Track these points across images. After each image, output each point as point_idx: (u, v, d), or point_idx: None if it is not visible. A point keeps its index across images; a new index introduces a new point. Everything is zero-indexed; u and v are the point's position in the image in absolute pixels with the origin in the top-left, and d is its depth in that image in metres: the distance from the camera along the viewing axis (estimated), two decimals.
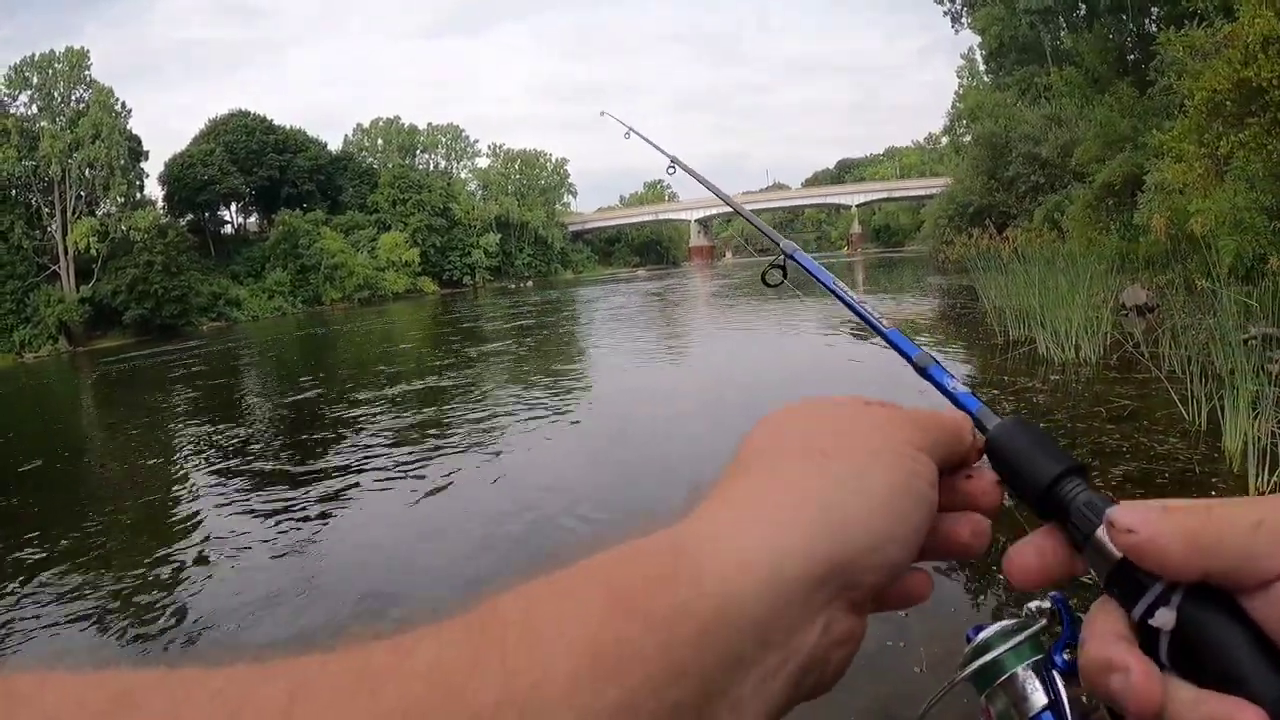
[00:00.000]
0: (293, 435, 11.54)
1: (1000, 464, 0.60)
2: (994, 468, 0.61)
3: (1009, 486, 0.59)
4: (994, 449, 0.61)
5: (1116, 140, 21.21)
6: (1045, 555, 0.53)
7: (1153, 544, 0.46)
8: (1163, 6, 24.98)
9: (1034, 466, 0.56)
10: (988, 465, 0.58)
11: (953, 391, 0.76)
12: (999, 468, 0.60)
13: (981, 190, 31.97)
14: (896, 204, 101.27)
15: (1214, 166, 12.77)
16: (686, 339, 20.80)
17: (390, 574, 5.71)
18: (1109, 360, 9.98)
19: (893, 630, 4.04)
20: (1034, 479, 0.56)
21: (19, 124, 56.91)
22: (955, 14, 42.03)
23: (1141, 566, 0.48)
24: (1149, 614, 0.47)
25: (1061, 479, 0.55)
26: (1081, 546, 0.52)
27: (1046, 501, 0.55)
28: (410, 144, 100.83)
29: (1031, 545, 0.54)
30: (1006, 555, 0.55)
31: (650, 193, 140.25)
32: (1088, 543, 0.51)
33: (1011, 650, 0.65)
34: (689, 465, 7.75)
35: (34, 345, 51.91)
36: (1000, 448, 0.61)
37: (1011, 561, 0.54)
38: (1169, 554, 0.46)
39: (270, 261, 72.81)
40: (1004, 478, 0.59)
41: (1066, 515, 0.53)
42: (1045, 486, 0.55)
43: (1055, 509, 0.54)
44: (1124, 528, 0.48)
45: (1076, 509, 0.53)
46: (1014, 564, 0.54)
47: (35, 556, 6.76)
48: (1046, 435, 0.59)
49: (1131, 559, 0.48)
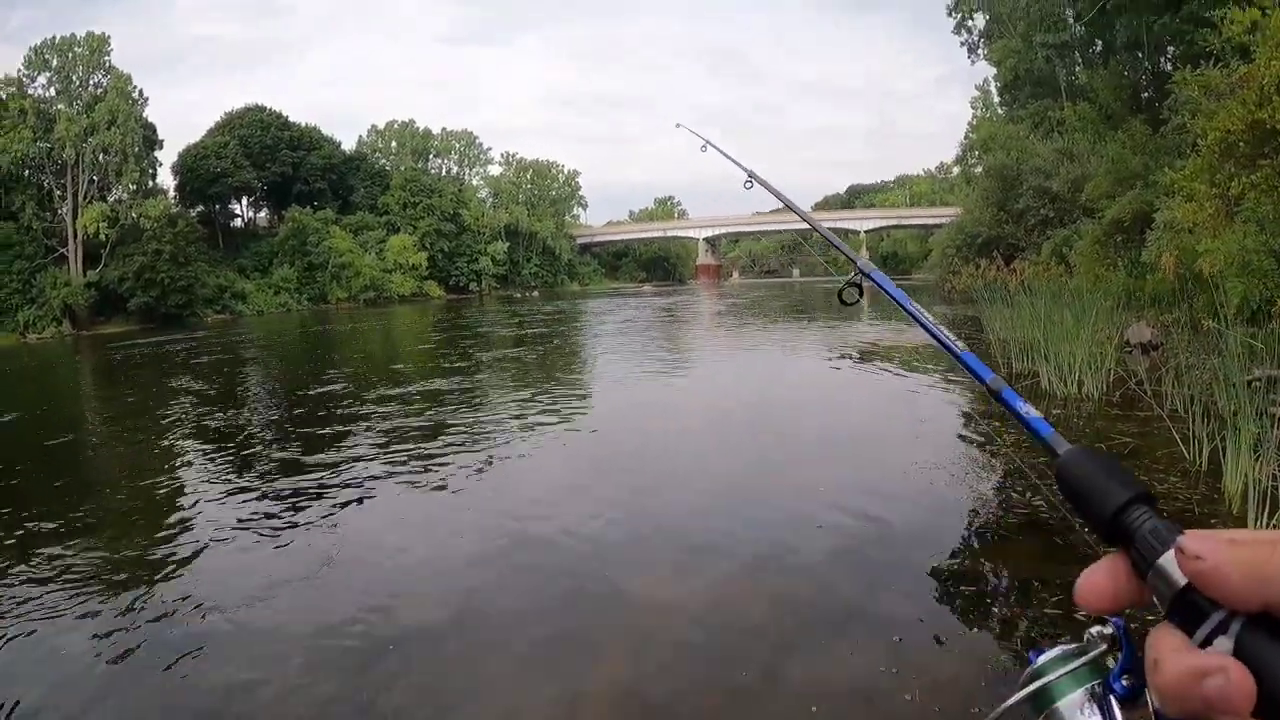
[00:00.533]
0: (292, 428, 11.51)
1: (1068, 490, 0.61)
2: (1062, 493, 0.61)
3: (1077, 513, 0.60)
4: (1063, 475, 0.62)
5: (1127, 177, 21.22)
6: (1117, 579, 0.55)
7: (1217, 572, 0.47)
8: (1179, 45, 25.02)
9: (1101, 493, 0.58)
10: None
11: (1025, 416, 0.78)
12: (1067, 493, 0.61)
13: (991, 221, 31.96)
14: (905, 231, 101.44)
15: (1224, 207, 12.74)
16: (692, 356, 20.77)
17: (385, 570, 5.66)
18: (1111, 397, 9.94)
19: (948, 654, 4.01)
20: (1101, 506, 0.57)
21: (36, 105, 57.07)
22: (972, 45, 42.25)
23: (1205, 594, 0.48)
24: (1208, 640, 0.48)
25: (1128, 506, 0.56)
26: (1145, 573, 0.53)
27: (1113, 528, 0.56)
28: (423, 148, 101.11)
29: (1103, 569, 0.56)
30: (1079, 579, 0.56)
31: (660, 209, 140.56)
32: (1151, 569, 0.52)
33: (1070, 674, 0.65)
34: (692, 483, 7.74)
35: (38, 326, 51.97)
36: (1069, 474, 0.61)
37: (1083, 585, 0.56)
38: (1232, 583, 0.47)
39: (278, 257, 72.96)
40: (1072, 503, 0.60)
41: (1132, 542, 0.54)
42: (1112, 514, 0.56)
43: (1121, 536, 0.55)
44: (1192, 554, 0.49)
45: (1142, 536, 0.53)
46: (1085, 587, 0.55)
47: (34, 532, 6.72)
48: (1116, 462, 0.60)
49: (1196, 586, 0.49)
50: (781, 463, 8.46)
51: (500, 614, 4.79)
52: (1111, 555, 0.56)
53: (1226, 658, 0.46)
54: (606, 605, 4.94)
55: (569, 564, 5.62)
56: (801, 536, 5.95)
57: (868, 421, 10.44)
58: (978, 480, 7.12)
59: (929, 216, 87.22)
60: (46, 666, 4.36)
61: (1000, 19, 38.05)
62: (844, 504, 6.64)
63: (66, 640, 4.67)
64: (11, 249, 53.17)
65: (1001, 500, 6.48)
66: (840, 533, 5.96)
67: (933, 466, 7.38)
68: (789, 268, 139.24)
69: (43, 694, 4.06)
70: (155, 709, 3.94)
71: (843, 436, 9.63)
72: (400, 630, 4.59)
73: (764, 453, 8.91)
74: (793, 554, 5.61)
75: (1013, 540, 5.56)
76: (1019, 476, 6.90)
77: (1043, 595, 4.55)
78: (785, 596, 4.98)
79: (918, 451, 8.09)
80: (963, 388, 11.59)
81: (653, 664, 4.16)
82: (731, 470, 8.14)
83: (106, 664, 4.35)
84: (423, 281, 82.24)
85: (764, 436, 9.79)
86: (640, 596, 5.04)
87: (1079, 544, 5.20)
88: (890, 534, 5.88)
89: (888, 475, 7.48)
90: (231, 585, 5.44)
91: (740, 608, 4.82)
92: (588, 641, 4.43)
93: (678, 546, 5.93)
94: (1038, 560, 5.13)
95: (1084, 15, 30.11)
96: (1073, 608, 4.24)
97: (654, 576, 5.35)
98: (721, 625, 4.58)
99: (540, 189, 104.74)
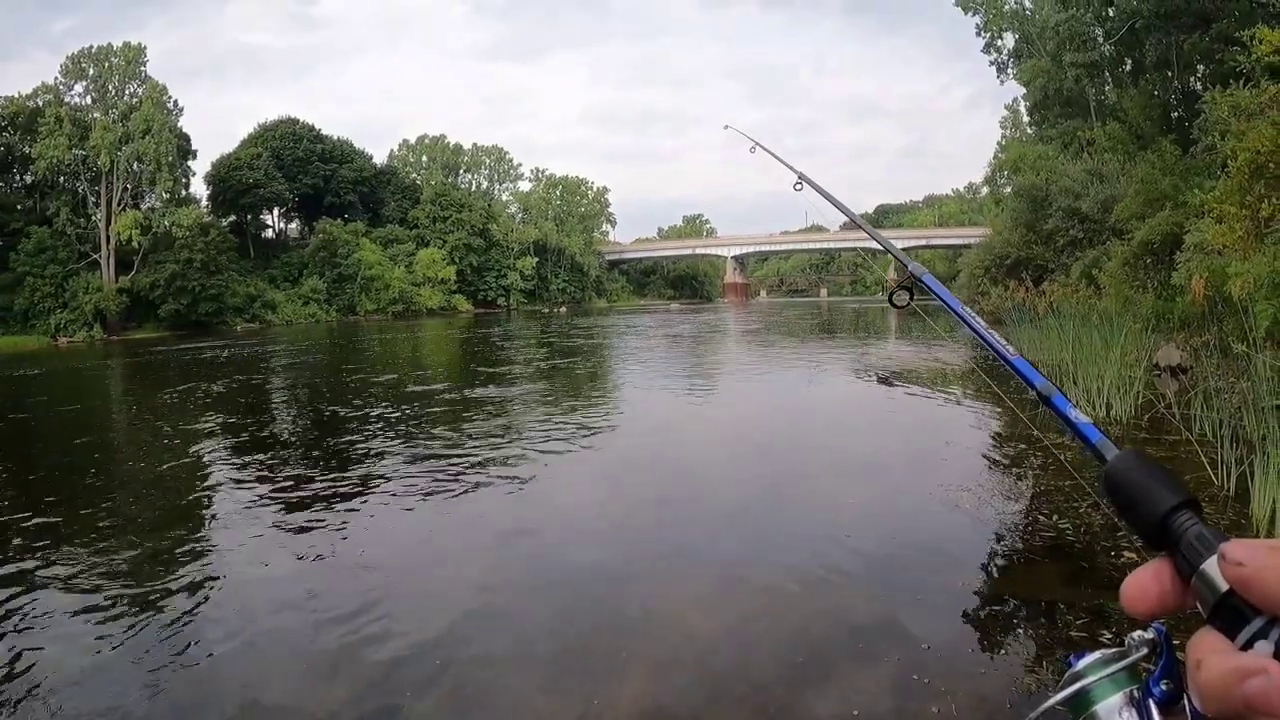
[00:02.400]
0: (316, 436, 11.58)
1: (1115, 494, 0.61)
2: (1109, 498, 0.62)
3: (1122, 517, 0.60)
4: (1111, 480, 0.62)
5: (1157, 198, 21.09)
6: (1162, 583, 0.55)
7: (1259, 578, 0.48)
8: (1209, 65, 24.91)
9: (1148, 499, 0.58)
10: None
11: (1075, 422, 0.79)
12: (1114, 498, 0.61)
13: (1020, 242, 31.77)
14: (933, 251, 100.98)
15: (1255, 229, 12.65)
16: (720, 374, 20.77)
17: (407, 582, 5.68)
18: (1140, 420, 9.86)
19: (974, 676, 4.01)
20: (1148, 511, 0.57)
21: (72, 113, 58.02)
22: (1001, 64, 42.13)
23: (1246, 600, 0.49)
24: (1249, 644, 0.49)
25: (1175, 512, 0.56)
26: (1189, 578, 0.53)
27: (1159, 533, 0.56)
28: (454, 163, 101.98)
29: (1149, 572, 0.56)
30: (1125, 582, 0.57)
31: (688, 226, 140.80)
32: (1195, 574, 0.53)
33: (1109, 678, 0.65)
34: (718, 500, 7.74)
35: (69, 330, 52.76)
36: (1117, 479, 0.62)
37: (1129, 587, 0.56)
38: (1273, 589, 0.48)
39: (308, 268, 73.68)
40: (1118, 508, 0.61)
41: (1176, 547, 0.55)
42: (1158, 519, 0.57)
43: (1167, 541, 0.56)
44: (1234, 560, 0.50)
45: (1187, 541, 0.54)
46: (1131, 590, 0.56)
47: (55, 529, 6.81)
48: (1163, 468, 0.61)
49: (1238, 591, 0.49)
50: (807, 481, 8.45)
51: (522, 630, 4.79)
52: (1157, 560, 0.57)
53: (1269, 660, 0.47)
54: (630, 623, 4.93)
55: (592, 580, 5.63)
56: (828, 554, 5.95)
57: (894, 441, 10.40)
58: (1004, 502, 7.08)
59: (957, 237, 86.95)
60: (69, 663, 4.41)
61: (1029, 38, 38.01)
62: (870, 523, 6.64)
63: (86, 638, 4.72)
64: (45, 253, 54.00)
65: (1028, 523, 6.45)
66: (867, 552, 5.95)
67: (959, 488, 7.35)
68: (816, 287, 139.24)
69: (64, 690, 4.11)
70: (173, 710, 3.98)
71: (869, 456, 9.60)
72: (421, 642, 4.59)
73: (790, 471, 8.90)
74: (819, 572, 5.60)
75: (1040, 563, 5.53)
76: (1046, 499, 6.87)
77: (1068, 617, 4.54)
78: (811, 615, 4.96)
79: (944, 472, 8.07)
80: (987, 409, 11.53)
81: (677, 683, 4.15)
82: (757, 488, 8.14)
83: (128, 663, 4.39)
84: (451, 295, 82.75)
85: (790, 455, 9.78)
86: (664, 614, 5.03)
87: (1106, 567, 5.18)
88: (916, 555, 5.86)
89: (914, 495, 7.46)
90: (250, 590, 5.52)
91: (766, 626, 4.80)
92: (611, 659, 4.40)
93: (702, 564, 5.93)
94: (1065, 583, 5.11)
95: (1113, 34, 30.02)
96: (1099, 630, 4.23)
97: (678, 594, 5.35)
98: (747, 644, 4.56)
99: (569, 205, 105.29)
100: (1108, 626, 4.23)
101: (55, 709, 3.95)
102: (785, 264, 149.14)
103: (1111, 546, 5.50)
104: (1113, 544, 5.52)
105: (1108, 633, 4.20)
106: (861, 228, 1.76)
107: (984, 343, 1.02)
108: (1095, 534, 5.80)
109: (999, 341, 1.00)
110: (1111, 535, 5.62)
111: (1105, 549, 5.52)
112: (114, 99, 60.58)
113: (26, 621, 5.05)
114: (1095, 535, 5.78)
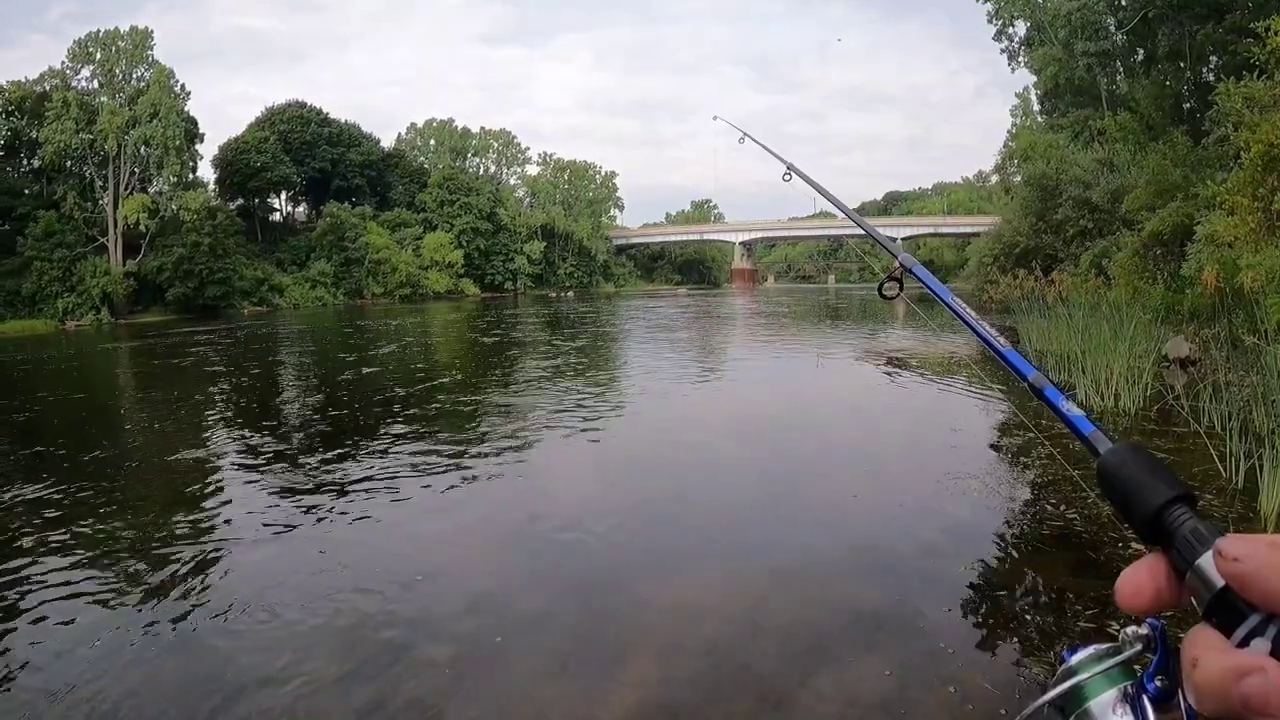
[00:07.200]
0: (323, 421, 11.59)
1: (1110, 488, 0.60)
2: (1104, 492, 0.61)
3: (1118, 511, 0.59)
4: (1104, 473, 0.61)
5: (1168, 189, 20.96)
6: (1158, 579, 0.54)
7: (1256, 575, 0.47)
8: (1221, 56, 24.71)
9: (1142, 493, 0.57)
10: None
11: (1067, 414, 0.78)
12: (1109, 492, 0.60)
13: (1029, 231, 31.65)
14: (942, 239, 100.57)
15: (1266, 221, 12.59)
16: (727, 360, 20.77)
17: (412, 568, 5.69)
18: (1148, 412, 9.85)
19: (978, 664, 4.02)
20: (1142, 504, 0.56)
21: (79, 97, 57.90)
22: (1012, 52, 41.78)
23: (1242, 596, 0.48)
24: (1245, 643, 0.48)
25: (1169, 506, 0.55)
26: (1183, 574, 0.53)
27: (1153, 527, 0.55)
28: (462, 147, 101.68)
29: (1144, 568, 0.55)
30: (1119, 578, 0.55)
31: (696, 212, 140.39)
32: (1190, 569, 0.52)
33: (1103, 674, 0.64)
34: (723, 488, 7.75)
35: (76, 314, 52.67)
36: (1111, 472, 0.60)
37: (1124, 583, 0.55)
38: (1270, 586, 0.47)
39: (315, 252, 73.53)
40: (1113, 502, 0.59)
41: (1171, 542, 0.54)
42: (1152, 513, 0.55)
43: (1161, 535, 0.55)
44: (1231, 556, 0.49)
45: (1182, 536, 0.53)
46: (1126, 586, 0.55)
47: (64, 511, 6.84)
48: (1158, 461, 0.59)
49: (1234, 587, 0.49)
50: (813, 469, 8.46)
51: (528, 615, 4.80)
52: (1152, 555, 0.56)
53: (1266, 658, 0.46)
54: (634, 609, 4.96)
55: (597, 567, 5.65)
56: (832, 542, 5.96)
57: (900, 430, 10.40)
58: (1011, 491, 7.08)
59: (966, 225, 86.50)
60: (75, 649, 4.44)
61: (1041, 26, 37.69)
62: (875, 512, 6.65)
63: (94, 622, 4.76)
64: (53, 237, 53.90)
65: (1035, 512, 6.45)
66: (871, 540, 5.96)
67: (966, 476, 7.35)
68: (824, 274, 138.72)
69: (69, 676, 4.14)
70: (179, 696, 3.99)
71: (875, 444, 9.60)
72: (426, 628, 4.62)
73: (795, 459, 8.91)
74: (824, 560, 5.61)
75: (1046, 552, 5.54)
76: (1052, 489, 6.87)
77: (1076, 608, 4.55)
78: (815, 603, 4.98)
79: (950, 461, 8.06)
80: (994, 398, 11.52)
81: (680, 670, 4.16)
82: (762, 476, 8.15)
83: (131, 648, 4.43)
84: (458, 279, 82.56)
85: (796, 443, 9.78)
86: (669, 601, 5.05)
87: (1113, 558, 5.18)
88: (922, 543, 5.87)
89: (920, 484, 7.45)
90: (254, 575, 5.54)
91: (770, 614, 4.82)
92: (615, 646, 4.43)
93: (707, 551, 5.94)
94: (1071, 573, 5.11)
95: (1126, 23, 29.76)
96: (1106, 621, 4.23)
97: (683, 581, 5.36)
98: (751, 631, 4.57)
99: (577, 189, 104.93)
100: (1115, 618, 4.23)
101: (58, 691, 3.98)
102: (793, 250, 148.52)
103: (1119, 537, 5.49)
104: (1120, 535, 5.51)
105: (1115, 624, 4.19)
106: (849, 216, 1.74)
107: (975, 333, 1.01)
108: (1104, 524, 5.79)
109: (989, 333, 0.99)
110: (1120, 526, 5.61)
111: (1113, 539, 5.51)
112: (121, 83, 60.31)
113: (29, 603, 5.08)
114: (1104, 526, 5.78)
